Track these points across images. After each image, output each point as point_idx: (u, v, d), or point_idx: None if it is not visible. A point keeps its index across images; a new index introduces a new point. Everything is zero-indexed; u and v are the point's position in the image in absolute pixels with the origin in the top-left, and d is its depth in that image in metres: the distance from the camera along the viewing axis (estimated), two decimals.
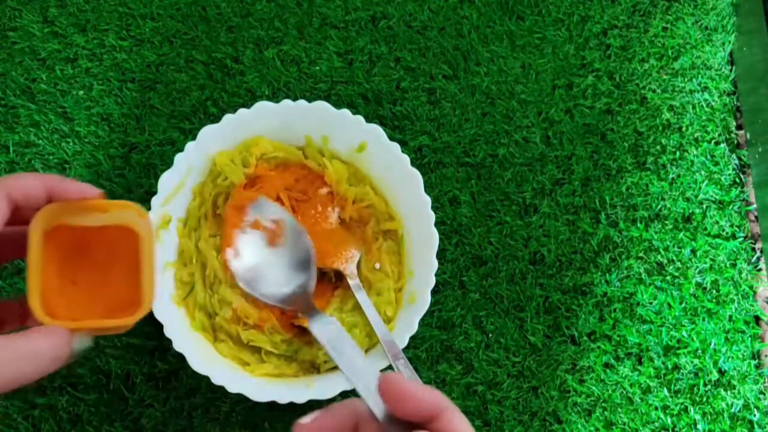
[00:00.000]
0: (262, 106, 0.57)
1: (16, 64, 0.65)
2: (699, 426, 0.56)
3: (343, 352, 0.39)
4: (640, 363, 0.58)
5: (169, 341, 0.51)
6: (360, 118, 0.57)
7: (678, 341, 0.58)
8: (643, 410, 0.57)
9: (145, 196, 0.61)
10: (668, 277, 0.60)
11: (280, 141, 0.58)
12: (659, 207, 0.62)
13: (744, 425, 0.56)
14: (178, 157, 0.55)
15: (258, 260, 0.53)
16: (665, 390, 0.57)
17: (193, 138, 0.56)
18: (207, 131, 0.56)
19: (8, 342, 0.36)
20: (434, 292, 0.55)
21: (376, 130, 0.57)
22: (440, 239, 0.55)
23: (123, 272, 0.42)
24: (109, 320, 0.40)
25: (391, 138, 0.58)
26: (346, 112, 0.57)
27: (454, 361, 0.58)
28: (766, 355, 0.59)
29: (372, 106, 0.64)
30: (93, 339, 0.40)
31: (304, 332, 0.55)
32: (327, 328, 0.42)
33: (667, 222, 0.62)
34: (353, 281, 0.55)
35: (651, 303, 0.59)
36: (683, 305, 0.59)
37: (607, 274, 0.60)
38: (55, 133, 0.63)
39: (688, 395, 0.57)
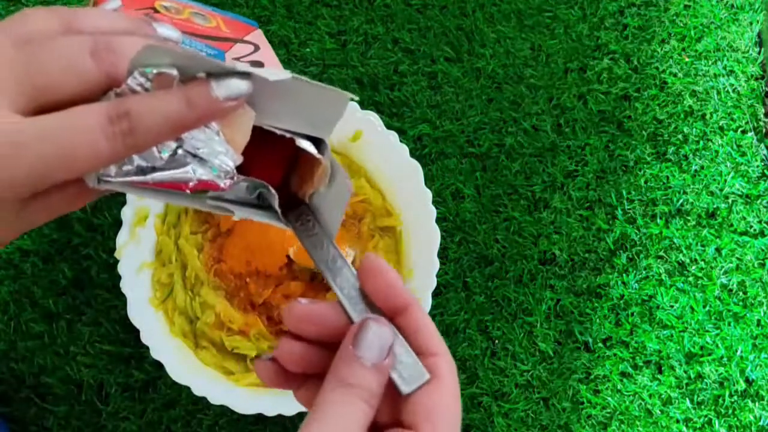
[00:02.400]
0: None
1: None
2: None
3: (325, 254, 0.37)
4: (660, 372, 0.58)
5: (147, 348, 0.52)
6: (354, 105, 0.56)
7: (701, 348, 0.59)
8: (663, 423, 0.57)
9: None
10: (691, 278, 0.60)
11: None
12: (681, 202, 0.62)
13: None
14: None
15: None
16: (687, 401, 0.57)
17: None
18: None
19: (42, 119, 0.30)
20: (435, 294, 0.56)
21: (372, 117, 0.56)
22: (442, 237, 0.55)
23: None
24: None
25: (389, 126, 0.58)
26: None
27: (457, 370, 0.57)
28: None
29: (368, 92, 0.64)
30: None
31: None
32: (302, 219, 0.38)
33: (689, 218, 0.61)
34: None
35: (672, 306, 0.59)
36: (707, 309, 0.59)
37: (624, 275, 0.60)
38: None
39: (713, 407, 0.57)
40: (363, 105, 0.59)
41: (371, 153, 0.57)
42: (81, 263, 0.59)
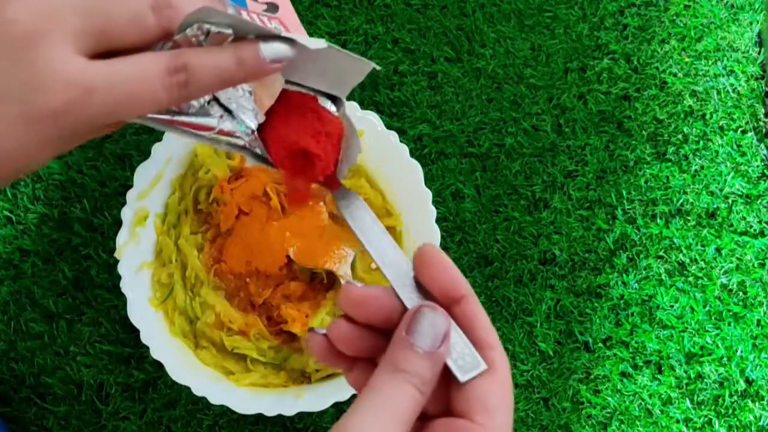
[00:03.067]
0: None
1: None
2: None
3: (373, 239, 0.37)
4: (660, 372, 0.58)
5: (147, 348, 0.52)
6: (354, 105, 0.56)
7: (701, 348, 0.59)
8: (663, 423, 0.57)
9: (119, 189, 0.60)
10: (691, 278, 0.60)
11: None
12: (681, 201, 0.62)
13: None
14: (156, 147, 0.55)
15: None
16: (687, 401, 0.57)
17: None
18: None
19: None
20: None
21: (372, 117, 0.56)
22: (442, 237, 0.55)
23: None
24: None
25: (389, 126, 0.58)
26: None
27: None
28: None
29: (367, 92, 0.64)
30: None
31: (293, 338, 0.54)
32: (354, 206, 0.39)
33: (689, 218, 0.61)
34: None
35: (672, 306, 0.59)
36: (707, 309, 0.59)
37: (624, 275, 0.60)
38: None
39: (713, 407, 0.57)
40: (363, 105, 0.59)
41: (371, 153, 0.57)
42: (81, 263, 0.59)
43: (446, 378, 0.32)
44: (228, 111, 0.37)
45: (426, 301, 0.33)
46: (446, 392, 0.33)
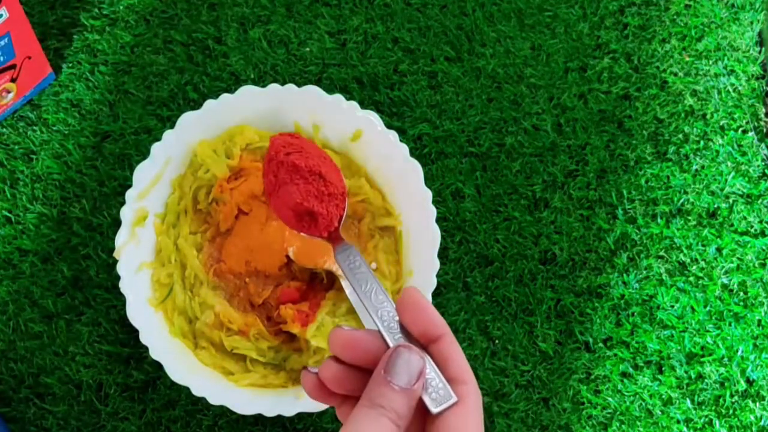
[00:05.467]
0: (247, 90, 0.56)
1: None
2: None
3: (366, 289, 0.43)
4: (661, 372, 0.58)
5: (146, 348, 0.51)
6: (354, 104, 0.56)
7: (702, 348, 0.59)
8: (663, 423, 0.57)
9: (119, 189, 0.61)
10: (691, 278, 0.60)
11: (267, 129, 0.57)
12: (681, 201, 0.62)
13: None
14: (155, 147, 0.55)
15: None
16: (688, 401, 0.57)
17: (172, 126, 0.56)
18: (187, 118, 0.56)
19: None
20: (435, 294, 0.56)
21: (372, 117, 0.56)
22: (442, 236, 0.55)
23: None
24: None
25: (389, 126, 0.58)
26: (339, 97, 0.57)
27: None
28: None
29: (367, 91, 0.64)
30: None
31: (292, 339, 0.55)
32: (350, 259, 0.46)
33: (690, 218, 0.62)
34: (347, 283, 0.54)
35: (672, 306, 0.59)
36: (708, 309, 0.59)
37: (625, 275, 0.60)
38: (21, 120, 0.63)
39: (713, 407, 0.57)
40: (363, 104, 0.59)
41: (371, 153, 0.57)
42: (80, 263, 0.59)
43: (422, 410, 0.36)
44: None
45: (402, 342, 0.37)
46: (422, 423, 0.36)
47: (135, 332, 0.52)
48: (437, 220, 0.55)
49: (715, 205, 0.62)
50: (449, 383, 0.36)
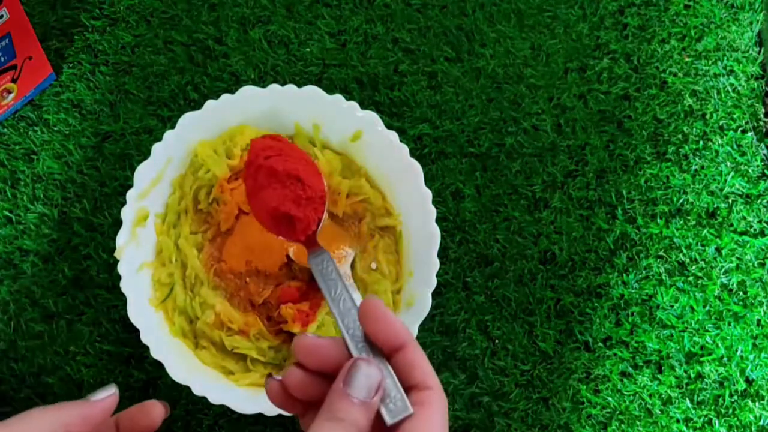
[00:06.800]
0: (248, 91, 0.57)
1: None
2: None
3: (335, 296, 0.43)
4: (660, 371, 0.58)
5: (146, 348, 0.52)
6: (354, 105, 0.57)
7: (701, 348, 0.58)
8: (663, 423, 0.57)
9: (119, 189, 0.61)
10: (691, 278, 0.60)
11: (268, 129, 0.57)
12: (681, 201, 0.62)
13: None
14: (156, 147, 0.55)
15: None
16: (687, 401, 0.57)
17: (172, 126, 0.56)
18: (187, 119, 0.56)
19: None
20: (435, 294, 0.55)
21: (372, 117, 0.56)
22: (442, 236, 0.55)
23: None
24: None
25: (389, 126, 0.58)
26: (339, 97, 0.57)
27: (457, 370, 0.58)
28: None
29: (367, 92, 0.64)
30: None
31: (293, 338, 0.54)
32: (323, 265, 0.46)
33: (689, 218, 0.62)
34: (347, 283, 0.54)
35: (672, 306, 0.59)
36: (707, 308, 0.59)
37: (624, 275, 0.60)
38: (22, 120, 0.63)
39: (713, 407, 0.57)
40: (363, 105, 0.59)
41: (371, 153, 0.57)
42: (81, 263, 0.59)
43: (381, 420, 0.36)
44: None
45: (364, 352, 0.38)
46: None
47: (136, 332, 0.52)
48: (437, 220, 0.55)
49: (715, 205, 0.62)
50: (414, 389, 0.36)
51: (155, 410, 0.45)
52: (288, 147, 0.53)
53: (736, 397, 0.57)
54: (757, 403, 0.57)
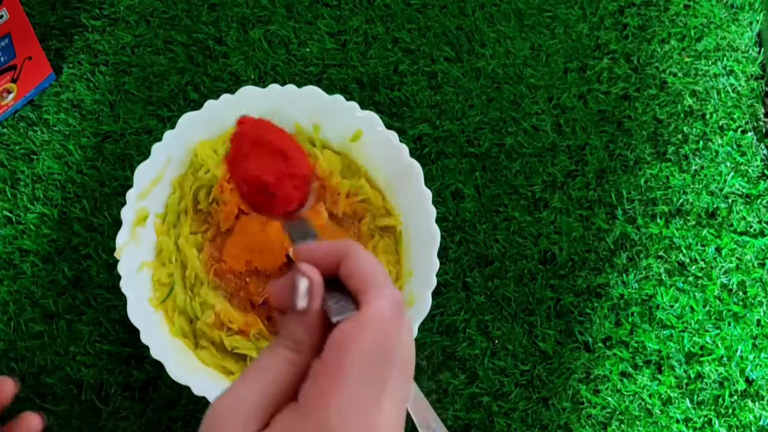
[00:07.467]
0: (248, 91, 0.57)
1: None
2: None
3: (302, 230, 0.43)
4: (660, 371, 0.58)
5: (146, 348, 0.51)
6: (354, 105, 0.57)
7: (701, 348, 0.58)
8: (663, 423, 0.57)
9: (119, 189, 0.61)
10: (691, 278, 0.60)
11: None
12: (681, 201, 0.62)
13: None
14: (156, 147, 0.55)
15: None
16: (687, 401, 0.57)
17: (172, 126, 0.56)
18: (187, 119, 0.56)
19: None
20: (435, 294, 0.55)
21: (372, 117, 0.56)
22: (442, 236, 0.55)
23: None
24: None
25: (389, 126, 0.58)
26: (339, 97, 0.57)
27: (457, 370, 0.58)
28: None
29: (367, 92, 0.64)
30: None
31: None
32: (296, 223, 0.45)
33: (689, 218, 0.62)
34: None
35: (672, 306, 0.59)
36: (707, 308, 0.59)
37: (624, 275, 0.60)
38: (21, 120, 0.63)
39: (713, 407, 0.57)
40: (363, 105, 0.59)
41: (371, 153, 0.57)
42: (81, 263, 0.59)
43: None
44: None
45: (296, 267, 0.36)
46: None
47: (135, 332, 0.52)
48: (437, 220, 0.55)
49: (715, 205, 0.62)
50: (360, 294, 0.35)
51: (5, 384, 0.45)
52: (275, 127, 0.51)
53: (736, 397, 0.57)
54: (756, 403, 0.57)
